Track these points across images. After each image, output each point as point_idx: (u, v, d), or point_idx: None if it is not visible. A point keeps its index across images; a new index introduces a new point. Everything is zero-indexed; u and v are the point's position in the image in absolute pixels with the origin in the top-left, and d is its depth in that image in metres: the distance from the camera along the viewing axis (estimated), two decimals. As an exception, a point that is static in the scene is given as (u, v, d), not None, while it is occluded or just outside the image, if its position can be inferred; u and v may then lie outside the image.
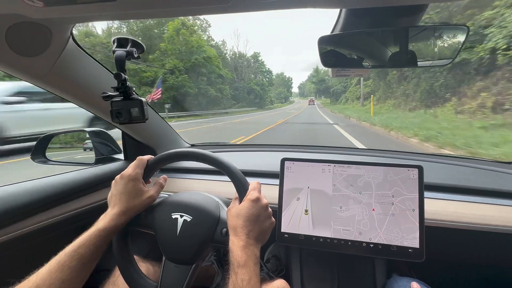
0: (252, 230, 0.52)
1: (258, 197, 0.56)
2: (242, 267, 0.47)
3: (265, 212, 0.56)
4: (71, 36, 0.65)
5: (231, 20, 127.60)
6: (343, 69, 0.80)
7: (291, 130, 10.10)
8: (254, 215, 0.54)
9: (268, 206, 0.57)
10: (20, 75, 0.63)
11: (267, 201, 0.57)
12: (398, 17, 0.57)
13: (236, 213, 0.55)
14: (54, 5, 0.46)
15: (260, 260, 0.51)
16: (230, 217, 0.56)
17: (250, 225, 0.53)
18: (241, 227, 0.52)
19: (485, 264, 0.94)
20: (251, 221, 0.53)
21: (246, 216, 0.53)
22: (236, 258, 0.49)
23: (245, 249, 0.50)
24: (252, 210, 0.54)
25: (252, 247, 0.51)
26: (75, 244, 0.50)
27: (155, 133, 1.09)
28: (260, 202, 0.55)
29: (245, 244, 0.50)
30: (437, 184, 0.83)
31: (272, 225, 0.58)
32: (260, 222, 0.54)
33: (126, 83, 0.58)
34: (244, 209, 0.54)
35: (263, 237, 0.56)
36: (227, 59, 46.00)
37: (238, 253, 0.49)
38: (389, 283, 0.79)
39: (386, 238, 0.68)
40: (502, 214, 0.72)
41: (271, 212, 0.58)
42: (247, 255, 0.49)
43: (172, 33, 25.84)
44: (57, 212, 0.77)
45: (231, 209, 0.57)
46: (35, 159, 0.98)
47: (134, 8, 0.48)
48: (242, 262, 0.48)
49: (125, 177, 0.59)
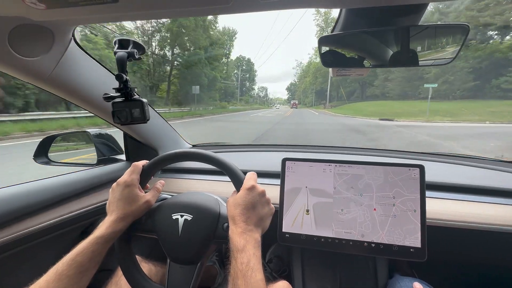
0: (250, 217, 0.53)
1: (254, 185, 0.56)
2: (241, 252, 0.47)
3: (261, 199, 0.56)
4: (73, 38, 0.65)
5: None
6: (343, 69, 0.80)
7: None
8: (251, 203, 0.54)
9: (264, 193, 0.57)
10: (22, 76, 0.64)
11: (263, 188, 0.57)
12: (398, 16, 0.57)
13: (233, 203, 0.55)
14: (56, 7, 0.47)
15: (263, 260, 0.51)
16: (228, 207, 0.57)
17: (247, 213, 0.53)
18: (238, 215, 0.53)
19: (487, 264, 0.93)
20: (248, 208, 0.54)
21: (242, 205, 0.54)
22: (235, 244, 0.49)
23: (243, 235, 0.50)
24: (248, 198, 0.54)
25: (251, 233, 0.51)
26: (73, 252, 0.50)
27: (156, 134, 1.09)
28: (256, 190, 0.56)
29: (243, 230, 0.51)
30: (439, 184, 0.83)
31: (271, 211, 0.59)
32: (257, 209, 0.55)
33: (128, 84, 0.58)
34: (240, 198, 0.55)
35: (263, 224, 0.56)
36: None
37: (236, 239, 0.49)
38: (391, 282, 0.79)
39: (388, 239, 0.67)
40: (505, 213, 0.71)
41: (269, 199, 0.58)
42: (246, 240, 0.49)
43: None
44: (59, 213, 0.78)
45: (229, 201, 0.58)
46: (37, 160, 0.99)
47: (135, 9, 0.48)
48: (240, 247, 0.48)
49: (121, 183, 0.59)
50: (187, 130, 9.17)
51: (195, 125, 12.26)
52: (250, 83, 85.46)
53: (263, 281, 0.45)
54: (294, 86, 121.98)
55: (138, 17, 0.55)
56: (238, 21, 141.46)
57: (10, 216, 0.66)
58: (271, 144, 1.39)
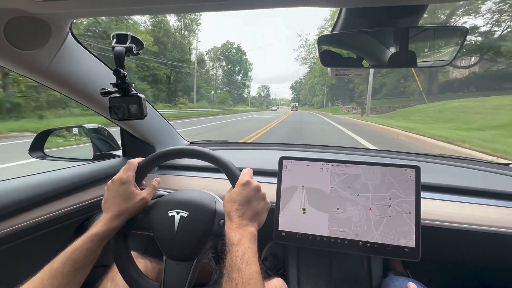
0: (245, 212, 0.53)
1: (248, 180, 0.56)
2: (236, 245, 0.47)
3: (257, 193, 0.56)
4: (70, 31, 0.65)
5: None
6: (342, 68, 0.80)
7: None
8: (246, 198, 0.54)
9: (260, 188, 0.57)
10: (18, 69, 0.63)
11: (258, 183, 0.57)
12: (398, 17, 0.57)
13: (229, 198, 0.56)
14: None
15: (258, 258, 0.51)
16: (224, 204, 0.57)
17: (242, 208, 0.53)
18: (234, 210, 0.53)
19: (480, 264, 0.94)
20: (243, 203, 0.54)
21: (238, 200, 0.54)
22: (230, 239, 0.49)
23: (238, 229, 0.50)
24: (243, 193, 0.55)
25: (246, 227, 0.51)
26: (68, 250, 0.50)
27: (153, 130, 1.09)
28: (251, 185, 0.56)
29: (238, 225, 0.51)
30: (434, 185, 0.83)
31: (267, 205, 0.59)
32: (252, 204, 0.55)
33: (125, 79, 0.58)
34: (235, 193, 0.55)
35: (259, 218, 0.56)
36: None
37: (231, 234, 0.49)
38: (385, 282, 0.80)
39: (382, 239, 0.68)
40: (498, 215, 0.72)
41: (264, 194, 0.58)
42: (241, 235, 0.49)
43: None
44: (54, 208, 0.77)
45: (224, 197, 0.58)
46: (33, 154, 0.98)
47: (133, 4, 0.48)
48: (235, 241, 0.48)
49: (116, 181, 0.59)
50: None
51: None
52: (243, 78, 70.89)
53: (258, 273, 0.45)
54: (299, 85, 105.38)
55: (136, 12, 0.54)
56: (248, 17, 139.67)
57: (4, 211, 0.66)
58: (268, 142, 1.39)
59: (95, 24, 17.13)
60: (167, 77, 28.13)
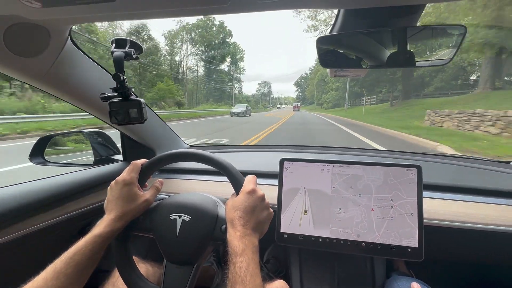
0: (248, 221, 0.52)
1: (254, 188, 0.56)
2: (240, 256, 0.47)
3: (261, 203, 0.56)
4: (70, 37, 0.65)
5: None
6: (341, 69, 0.80)
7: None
8: (250, 206, 0.54)
9: (264, 197, 0.57)
10: (18, 76, 0.63)
11: (263, 192, 0.57)
12: (396, 17, 0.57)
13: (233, 206, 0.55)
14: (52, 6, 0.46)
15: (260, 261, 0.51)
16: (227, 210, 0.56)
17: (246, 216, 0.53)
18: (237, 218, 0.52)
19: (484, 263, 0.94)
20: (247, 212, 0.53)
21: (242, 208, 0.53)
22: (233, 248, 0.48)
23: (242, 239, 0.50)
24: (248, 201, 0.54)
25: (249, 237, 0.51)
26: (70, 251, 0.50)
27: (154, 134, 1.09)
28: (256, 194, 0.55)
29: (242, 234, 0.50)
30: (436, 184, 0.83)
31: (270, 215, 0.58)
32: (256, 213, 0.54)
33: (125, 84, 0.58)
34: (240, 201, 0.54)
35: (261, 228, 0.56)
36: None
37: (235, 243, 0.49)
38: (389, 282, 0.79)
39: (384, 240, 0.68)
40: (501, 214, 0.72)
41: (268, 203, 0.58)
42: (245, 244, 0.49)
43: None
44: (55, 213, 0.77)
45: (228, 203, 0.57)
46: (33, 160, 0.98)
47: (132, 9, 0.48)
48: (239, 251, 0.48)
49: (120, 182, 0.59)
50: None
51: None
52: (231, 68, 53.92)
53: (261, 286, 0.45)
54: (305, 80, 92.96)
55: (135, 16, 0.55)
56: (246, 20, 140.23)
57: (7, 217, 0.66)
58: (269, 144, 1.39)
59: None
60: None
